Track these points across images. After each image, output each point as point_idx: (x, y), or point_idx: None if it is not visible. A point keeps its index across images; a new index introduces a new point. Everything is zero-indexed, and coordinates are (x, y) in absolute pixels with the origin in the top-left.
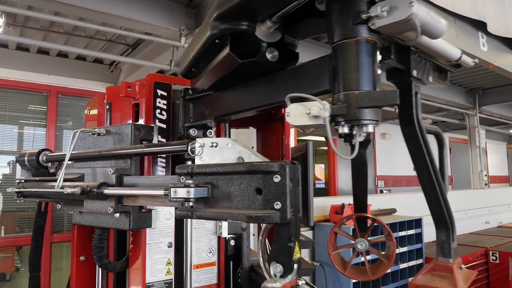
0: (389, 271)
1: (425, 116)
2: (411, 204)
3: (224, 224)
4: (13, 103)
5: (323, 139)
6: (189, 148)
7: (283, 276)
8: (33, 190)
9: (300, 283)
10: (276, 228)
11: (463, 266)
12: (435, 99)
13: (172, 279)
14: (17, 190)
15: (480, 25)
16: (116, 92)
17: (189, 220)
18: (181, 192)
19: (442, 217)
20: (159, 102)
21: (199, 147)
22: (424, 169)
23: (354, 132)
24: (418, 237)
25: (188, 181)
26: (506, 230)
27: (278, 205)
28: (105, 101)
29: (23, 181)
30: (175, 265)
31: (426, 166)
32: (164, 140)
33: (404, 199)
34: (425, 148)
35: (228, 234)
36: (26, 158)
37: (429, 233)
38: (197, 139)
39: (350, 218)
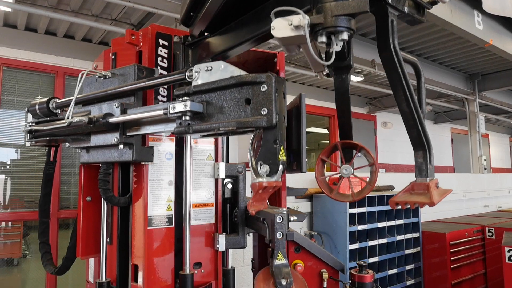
0: (385, 241)
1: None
2: (410, 181)
3: (221, 167)
4: (21, 84)
5: (325, 131)
6: (186, 74)
7: (269, 175)
8: (44, 128)
9: (292, 219)
10: (263, 132)
11: (439, 185)
12: (435, 84)
13: (172, 214)
14: (28, 128)
15: (475, 3)
16: (121, 43)
17: (188, 160)
18: (179, 107)
19: (420, 140)
20: (161, 51)
21: (195, 72)
22: (401, 93)
23: (332, 41)
24: (415, 211)
25: (186, 98)
26: (506, 213)
27: (265, 111)
28: (110, 54)
29: (33, 124)
30: (175, 203)
31: (403, 89)
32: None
33: (403, 178)
34: (402, 72)
35: (225, 176)
36: (37, 107)
37: (426, 212)
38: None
39: (336, 145)
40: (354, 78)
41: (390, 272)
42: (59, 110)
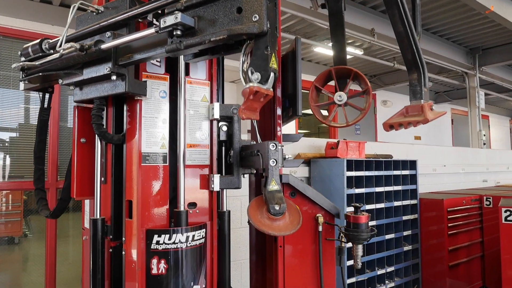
0: (383, 206)
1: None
2: (408, 152)
3: (216, 107)
4: (18, 56)
5: (325, 112)
6: None
7: (260, 82)
8: (37, 63)
9: (287, 157)
10: (255, 40)
11: (434, 108)
12: (436, 57)
13: (166, 153)
14: (21, 64)
15: None
16: None
17: (182, 101)
18: (170, 20)
19: (414, 61)
20: None
21: None
22: (396, 11)
23: None
24: (413, 178)
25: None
26: (504, 188)
27: (256, 18)
28: None
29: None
30: (169, 141)
31: (398, 8)
32: None
33: (401, 148)
34: None
35: (220, 117)
36: (30, 49)
37: (424, 184)
38: None
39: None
40: (354, 51)
41: (388, 236)
42: (52, 51)
